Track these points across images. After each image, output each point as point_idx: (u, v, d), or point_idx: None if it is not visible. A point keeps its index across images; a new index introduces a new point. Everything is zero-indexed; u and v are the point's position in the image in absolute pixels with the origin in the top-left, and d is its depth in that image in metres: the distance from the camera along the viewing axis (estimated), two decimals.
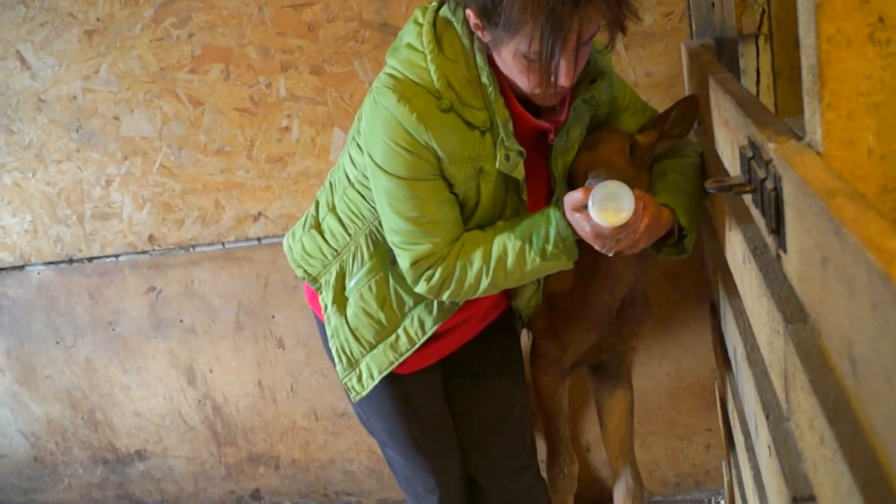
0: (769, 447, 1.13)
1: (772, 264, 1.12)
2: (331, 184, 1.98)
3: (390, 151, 1.66)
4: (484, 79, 1.66)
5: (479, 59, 1.65)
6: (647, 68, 2.44)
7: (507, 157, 1.70)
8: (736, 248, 1.43)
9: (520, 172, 1.74)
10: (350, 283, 1.93)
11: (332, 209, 1.94)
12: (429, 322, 1.93)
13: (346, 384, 2.00)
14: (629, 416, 2.35)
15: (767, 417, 1.15)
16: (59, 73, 2.84)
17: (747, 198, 1.23)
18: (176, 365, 3.08)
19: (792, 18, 2.36)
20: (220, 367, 3.05)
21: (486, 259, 1.74)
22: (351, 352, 1.96)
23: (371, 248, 1.89)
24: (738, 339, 1.59)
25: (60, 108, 2.88)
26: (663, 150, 1.90)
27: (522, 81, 1.62)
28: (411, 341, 1.94)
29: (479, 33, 1.62)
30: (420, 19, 1.71)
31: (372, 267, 1.90)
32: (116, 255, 3.00)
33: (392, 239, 1.77)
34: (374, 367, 1.96)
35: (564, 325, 2.11)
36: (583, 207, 1.58)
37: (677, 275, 2.59)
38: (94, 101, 2.84)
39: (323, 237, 1.95)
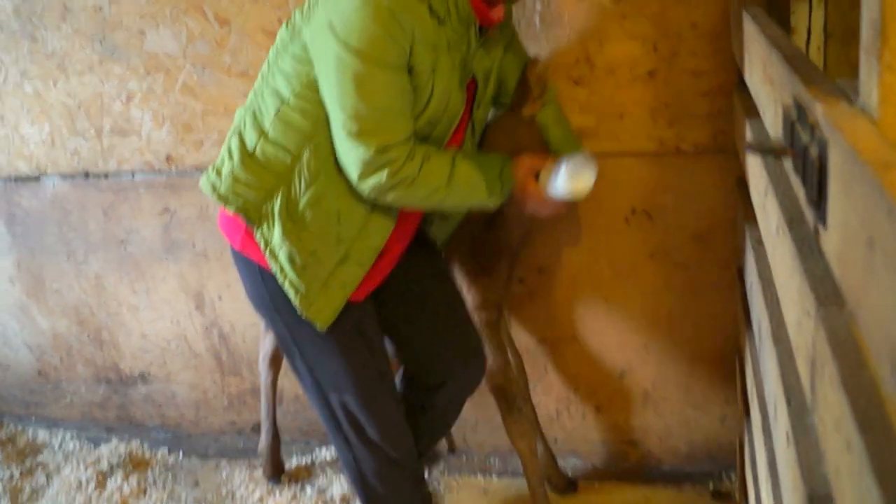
0: (787, 435, 1.04)
1: (808, 239, 1.02)
2: (254, 114, 1.95)
3: (372, 37, 1.73)
4: None
5: None
6: (693, 19, 2.31)
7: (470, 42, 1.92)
8: (770, 217, 1.33)
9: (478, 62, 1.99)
10: (301, 203, 1.91)
11: (264, 135, 1.91)
12: (387, 224, 2.00)
13: (310, 317, 1.96)
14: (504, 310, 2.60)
15: (789, 403, 1.06)
16: None
17: (787, 162, 1.14)
18: (185, 289, 3.02)
19: None
20: (229, 294, 2.99)
21: (449, 176, 1.90)
22: (315, 276, 1.94)
23: (317, 162, 1.89)
24: (764, 313, 1.50)
25: (85, 17, 2.79)
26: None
27: None
28: (376, 249, 2.01)
29: None
30: None
31: (322, 181, 1.90)
32: (132, 173, 2.93)
33: (350, 128, 1.80)
34: (346, 283, 1.98)
35: (489, 264, 2.39)
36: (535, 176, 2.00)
37: (706, 237, 2.49)
38: (119, 14, 2.75)
39: (260, 165, 1.92)
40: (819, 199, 0.88)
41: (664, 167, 2.44)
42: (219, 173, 1.97)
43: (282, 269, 1.93)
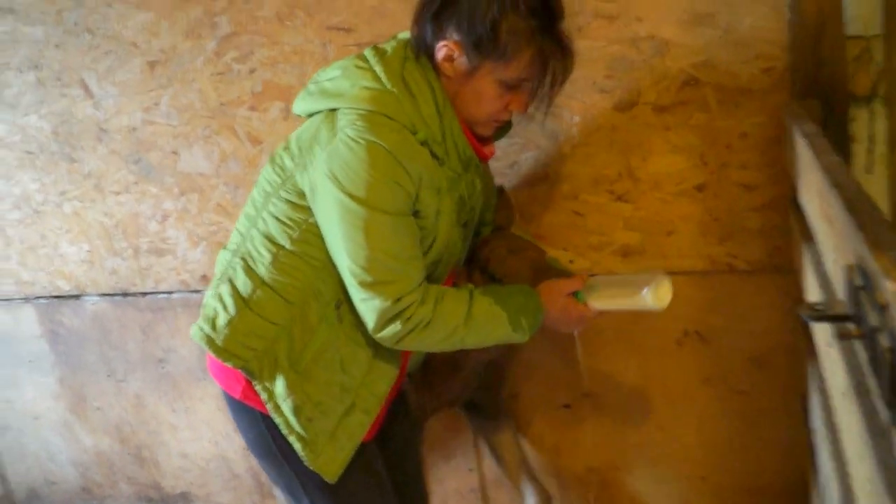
0: None
1: (880, 423, 0.86)
2: (244, 259, 1.84)
3: (378, 185, 1.66)
4: (449, 112, 1.76)
5: (442, 94, 1.75)
6: (742, 129, 2.17)
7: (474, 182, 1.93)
8: (836, 370, 1.15)
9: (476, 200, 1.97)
10: (305, 353, 1.81)
11: (261, 284, 1.81)
12: (391, 370, 1.93)
13: (319, 469, 1.85)
14: (518, 441, 2.51)
15: None
16: (120, 104, 2.72)
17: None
18: (223, 410, 2.93)
19: None
20: None
21: (467, 314, 1.80)
22: (322, 428, 1.84)
23: (318, 310, 1.81)
24: (833, 474, 1.32)
25: (121, 138, 2.76)
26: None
27: (487, 108, 1.77)
28: (381, 397, 1.93)
29: (449, 65, 1.73)
30: (364, 63, 1.76)
31: (324, 330, 1.82)
32: (170, 292, 2.88)
33: (363, 279, 1.71)
34: (354, 433, 1.89)
35: (439, 379, 2.26)
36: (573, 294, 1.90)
37: (764, 361, 2.31)
38: (153, 134, 2.72)
39: (258, 314, 1.81)
40: (893, 401, 0.72)
41: (716, 286, 2.29)
42: (213, 325, 1.84)
43: (287, 423, 1.83)
